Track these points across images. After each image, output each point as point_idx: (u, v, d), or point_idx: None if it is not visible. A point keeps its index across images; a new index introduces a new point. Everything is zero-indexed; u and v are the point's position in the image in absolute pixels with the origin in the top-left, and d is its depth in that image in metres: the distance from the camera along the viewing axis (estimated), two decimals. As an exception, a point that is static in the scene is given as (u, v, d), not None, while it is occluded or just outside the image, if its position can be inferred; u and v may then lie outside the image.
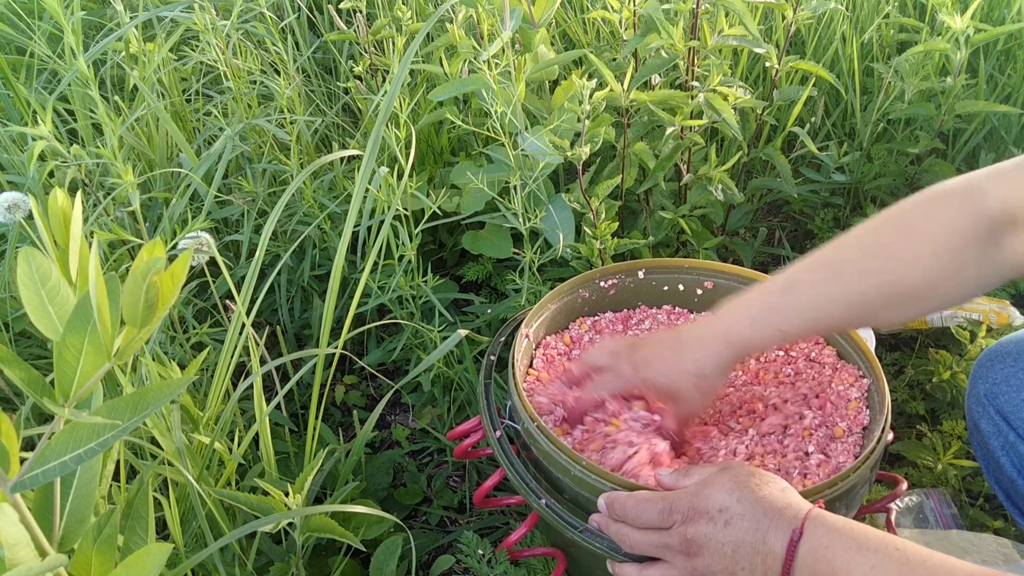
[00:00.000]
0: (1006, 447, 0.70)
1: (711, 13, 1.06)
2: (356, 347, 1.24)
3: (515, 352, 0.80)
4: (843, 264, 0.65)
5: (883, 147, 1.33)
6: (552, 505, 0.69)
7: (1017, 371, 0.68)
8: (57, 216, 0.44)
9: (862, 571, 0.52)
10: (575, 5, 1.54)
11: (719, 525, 0.57)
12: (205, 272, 1.00)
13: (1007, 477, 0.70)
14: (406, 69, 0.83)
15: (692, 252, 1.19)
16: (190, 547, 0.75)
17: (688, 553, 0.59)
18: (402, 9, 1.19)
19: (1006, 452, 0.70)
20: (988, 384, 0.70)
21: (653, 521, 0.61)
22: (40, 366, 1.01)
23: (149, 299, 0.40)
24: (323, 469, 0.90)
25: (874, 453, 0.69)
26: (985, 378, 0.71)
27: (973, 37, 1.13)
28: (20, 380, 0.40)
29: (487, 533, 0.98)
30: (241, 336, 0.80)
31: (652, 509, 0.61)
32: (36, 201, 0.48)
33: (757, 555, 0.56)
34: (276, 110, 1.26)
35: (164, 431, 0.72)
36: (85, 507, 0.49)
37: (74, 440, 0.41)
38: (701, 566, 0.58)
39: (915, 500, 0.92)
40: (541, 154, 0.97)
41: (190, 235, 0.85)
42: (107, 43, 1.16)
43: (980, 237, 0.61)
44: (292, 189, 0.88)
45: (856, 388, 0.79)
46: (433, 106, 1.21)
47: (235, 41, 1.21)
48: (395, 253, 1.01)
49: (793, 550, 0.54)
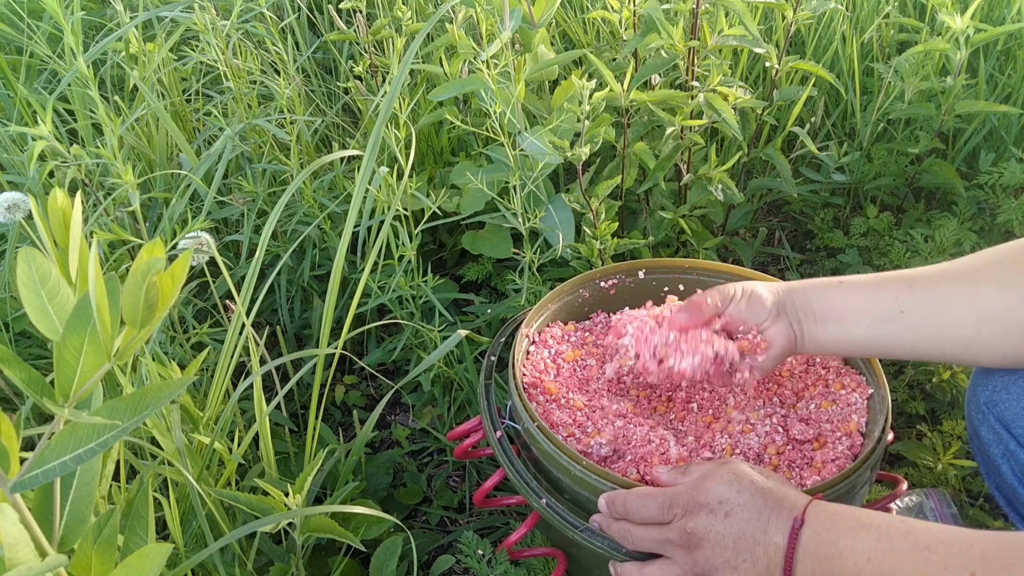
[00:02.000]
0: (1006, 455, 0.69)
1: (711, 13, 1.06)
2: (356, 347, 1.24)
3: (515, 352, 0.80)
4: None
5: (883, 147, 1.33)
6: (552, 504, 0.69)
7: (1017, 379, 0.68)
8: (57, 216, 0.44)
9: (867, 545, 0.52)
10: (575, 5, 1.54)
11: (719, 517, 0.57)
12: (205, 272, 1.00)
13: (1008, 484, 0.70)
14: (406, 69, 0.83)
15: (692, 252, 1.19)
16: (190, 547, 0.75)
17: (689, 547, 0.59)
18: (402, 9, 1.19)
19: (1006, 459, 0.70)
20: (988, 392, 0.70)
21: (653, 516, 0.61)
22: (40, 366, 1.01)
23: (149, 299, 0.40)
24: (323, 469, 0.90)
25: (874, 453, 0.69)
26: (985, 385, 0.70)
27: (973, 37, 1.13)
28: (20, 380, 0.40)
29: (487, 533, 0.98)
30: (241, 336, 0.80)
31: (652, 504, 0.61)
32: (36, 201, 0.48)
33: (759, 546, 0.55)
34: (276, 110, 1.26)
35: (164, 431, 0.72)
36: (85, 507, 0.49)
37: (74, 440, 0.41)
38: (702, 560, 0.58)
39: (915, 500, 0.92)
40: (541, 154, 0.97)
41: (190, 235, 0.85)
42: (107, 43, 1.16)
43: None
44: (292, 189, 0.88)
45: (859, 393, 0.79)
46: (433, 106, 1.21)
47: (235, 41, 1.21)
48: (395, 253, 1.01)
49: (795, 538, 0.54)
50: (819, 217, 1.35)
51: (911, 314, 0.66)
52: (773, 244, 1.41)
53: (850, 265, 1.28)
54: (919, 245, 1.21)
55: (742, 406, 0.82)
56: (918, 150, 1.23)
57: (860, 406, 0.78)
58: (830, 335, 0.70)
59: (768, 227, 1.40)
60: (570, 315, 0.92)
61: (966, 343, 0.65)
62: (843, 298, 0.70)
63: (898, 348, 0.69)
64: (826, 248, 1.35)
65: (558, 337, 0.88)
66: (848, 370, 0.82)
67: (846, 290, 0.70)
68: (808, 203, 1.40)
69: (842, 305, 0.70)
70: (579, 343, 0.90)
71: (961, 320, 0.65)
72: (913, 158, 1.31)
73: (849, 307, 0.69)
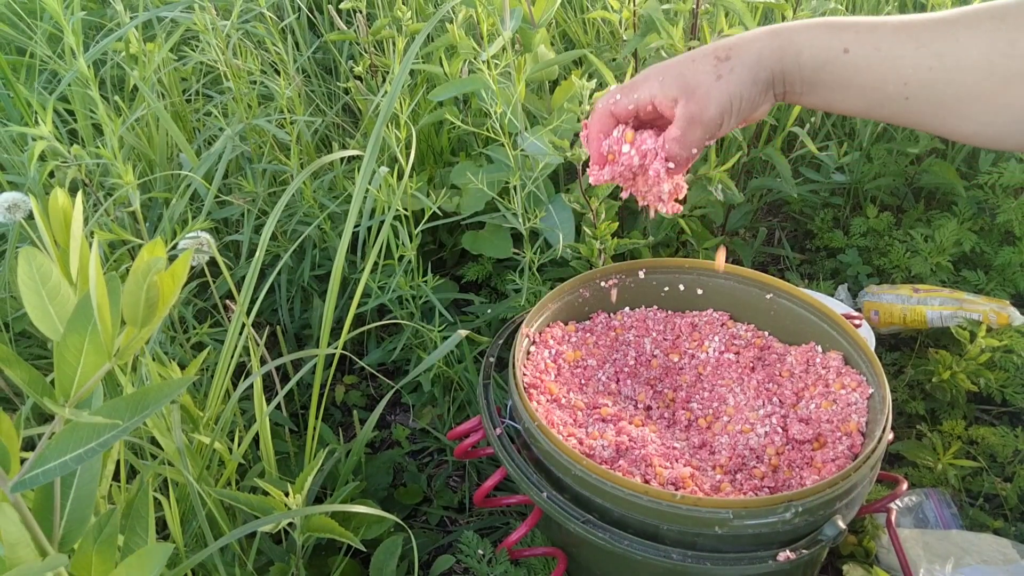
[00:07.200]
0: None
1: (711, 13, 1.06)
2: (356, 347, 1.24)
3: (516, 352, 0.80)
4: (957, 19, 0.53)
5: (883, 147, 1.33)
6: (554, 497, 0.69)
7: None
8: (58, 216, 0.44)
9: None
10: (575, 5, 1.54)
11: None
12: (205, 272, 1.00)
13: None
14: (406, 69, 0.83)
15: (692, 252, 1.19)
16: (190, 547, 0.75)
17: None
18: (402, 9, 1.19)
19: None
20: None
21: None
22: (40, 366, 1.01)
23: (149, 299, 0.40)
24: (323, 469, 0.90)
25: (874, 453, 0.69)
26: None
27: (973, 37, 1.12)
28: (20, 380, 0.40)
29: (487, 533, 0.98)
30: (241, 336, 0.80)
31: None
32: (36, 201, 0.48)
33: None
34: (276, 110, 1.26)
35: (164, 431, 0.72)
36: (85, 507, 0.49)
37: (74, 440, 0.41)
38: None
39: (915, 500, 0.92)
40: (541, 154, 0.97)
41: (190, 235, 0.85)
42: (107, 43, 1.15)
43: None
44: (292, 189, 0.88)
45: (859, 393, 0.79)
46: (433, 106, 1.21)
47: (235, 41, 1.21)
48: (395, 253, 1.01)
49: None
50: (819, 217, 1.35)
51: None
52: (773, 244, 1.41)
53: (850, 265, 1.28)
54: (919, 245, 1.22)
55: (742, 406, 0.82)
56: (918, 150, 1.23)
57: (860, 406, 0.78)
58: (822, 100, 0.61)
59: (768, 227, 1.40)
60: (570, 315, 0.92)
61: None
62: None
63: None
64: (826, 248, 1.35)
65: (558, 337, 0.88)
66: (848, 370, 0.82)
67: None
68: (808, 203, 1.40)
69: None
70: (579, 343, 0.90)
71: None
72: (913, 158, 1.31)
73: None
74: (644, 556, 0.64)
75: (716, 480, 0.73)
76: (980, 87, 0.52)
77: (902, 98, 0.55)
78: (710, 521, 0.63)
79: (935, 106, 0.54)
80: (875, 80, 0.55)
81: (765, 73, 0.58)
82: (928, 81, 0.53)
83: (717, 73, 0.58)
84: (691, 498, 0.63)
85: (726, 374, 0.87)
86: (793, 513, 0.62)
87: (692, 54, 0.60)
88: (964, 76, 0.52)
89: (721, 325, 0.92)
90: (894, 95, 0.55)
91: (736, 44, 0.59)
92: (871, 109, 0.57)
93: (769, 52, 0.58)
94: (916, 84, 0.54)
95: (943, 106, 0.54)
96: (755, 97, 0.59)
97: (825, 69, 0.57)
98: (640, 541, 0.65)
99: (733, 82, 0.58)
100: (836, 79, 0.57)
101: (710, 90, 0.58)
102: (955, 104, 0.53)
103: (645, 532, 0.65)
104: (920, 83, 0.54)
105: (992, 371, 1.03)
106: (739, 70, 0.58)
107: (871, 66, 0.55)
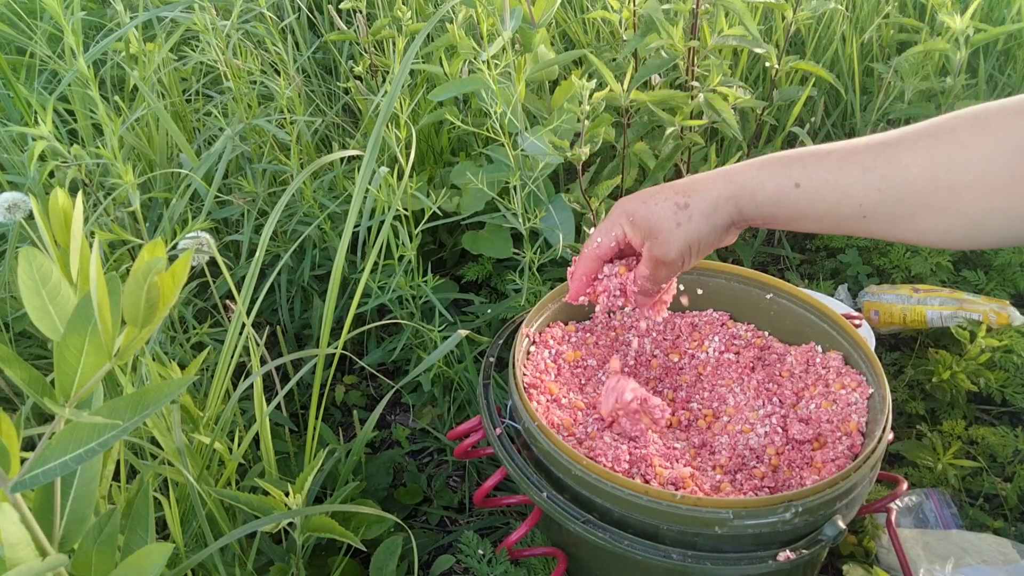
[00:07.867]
0: None
1: (711, 13, 1.06)
2: (356, 347, 1.24)
3: (516, 352, 0.80)
4: (897, 141, 0.56)
5: (883, 147, 1.32)
6: (554, 497, 0.69)
7: None
8: (58, 216, 0.44)
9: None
10: (575, 5, 1.54)
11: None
12: (205, 272, 1.00)
13: None
14: (406, 69, 0.83)
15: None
16: (190, 547, 0.75)
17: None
18: (402, 9, 1.19)
19: None
20: None
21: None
22: (40, 366, 1.01)
23: (150, 299, 0.40)
24: (323, 469, 0.90)
25: (874, 453, 0.69)
26: None
27: (973, 37, 1.13)
28: (21, 380, 0.40)
29: (487, 533, 0.98)
30: (241, 336, 0.80)
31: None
32: (36, 201, 0.48)
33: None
34: (276, 110, 1.26)
35: (164, 431, 0.72)
36: (85, 507, 0.49)
37: (74, 440, 0.41)
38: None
39: (915, 500, 0.92)
40: (541, 154, 0.97)
41: (190, 235, 0.85)
42: (107, 43, 1.15)
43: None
44: (292, 189, 0.88)
45: (859, 393, 0.79)
46: (433, 106, 1.21)
47: (235, 41, 1.21)
48: (395, 253, 1.01)
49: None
50: (819, 217, 1.35)
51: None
52: (773, 244, 1.41)
53: (850, 265, 1.28)
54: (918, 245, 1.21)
55: (742, 406, 0.82)
56: (918, 150, 1.23)
57: (860, 406, 0.78)
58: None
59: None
60: (570, 315, 0.92)
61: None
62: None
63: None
64: (826, 248, 1.35)
65: (558, 337, 0.88)
66: (848, 370, 0.82)
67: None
68: (808, 203, 1.40)
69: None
70: (579, 343, 0.90)
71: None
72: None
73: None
74: (644, 556, 0.64)
75: (716, 480, 0.73)
76: (930, 199, 0.54)
77: (860, 217, 0.58)
78: (710, 521, 0.63)
79: (893, 221, 0.57)
80: (829, 207, 0.59)
81: (723, 219, 0.63)
82: (880, 200, 0.56)
83: (676, 221, 0.63)
84: (691, 498, 0.63)
85: (726, 374, 0.87)
86: (793, 513, 0.62)
87: (655, 193, 0.65)
88: (913, 193, 0.55)
89: (721, 325, 0.92)
90: (851, 216, 0.58)
91: (693, 190, 0.63)
92: (834, 228, 0.61)
93: (724, 200, 0.62)
94: (870, 204, 0.57)
95: (901, 220, 0.57)
96: (714, 239, 0.64)
97: (781, 205, 0.60)
98: (640, 541, 0.65)
99: (691, 230, 0.63)
100: (793, 212, 0.60)
101: (670, 237, 0.64)
102: (911, 218, 0.56)
103: (645, 532, 0.65)
104: (873, 203, 0.57)
105: (992, 371, 1.03)
106: (696, 218, 0.63)
107: (823, 196, 0.59)
